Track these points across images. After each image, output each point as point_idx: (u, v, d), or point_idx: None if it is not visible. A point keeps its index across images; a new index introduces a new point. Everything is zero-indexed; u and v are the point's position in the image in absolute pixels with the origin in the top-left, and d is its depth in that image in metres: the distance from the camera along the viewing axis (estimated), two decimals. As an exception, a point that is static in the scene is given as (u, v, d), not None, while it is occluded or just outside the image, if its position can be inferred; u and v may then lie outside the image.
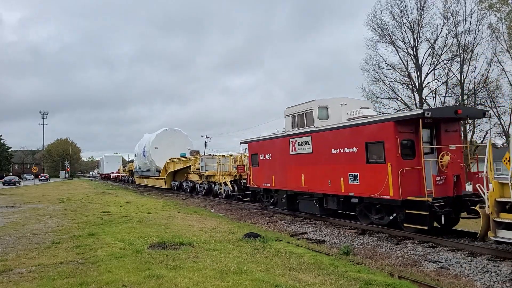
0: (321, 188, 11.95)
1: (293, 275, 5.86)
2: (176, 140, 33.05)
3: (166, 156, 30.96)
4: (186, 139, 33.92)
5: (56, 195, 25.24)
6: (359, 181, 10.40)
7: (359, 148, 10.40)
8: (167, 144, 32.12)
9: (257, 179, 15.85)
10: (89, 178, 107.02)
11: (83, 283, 5.39)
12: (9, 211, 15.51)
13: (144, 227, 10.56)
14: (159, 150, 32.14)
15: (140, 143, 38.21)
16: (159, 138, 32.93)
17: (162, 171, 31.18)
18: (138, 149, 38.08)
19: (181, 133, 34.23)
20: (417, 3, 36.75)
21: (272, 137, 14.84)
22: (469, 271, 6.66)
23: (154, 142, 32.70)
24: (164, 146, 32.08)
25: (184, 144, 32.78)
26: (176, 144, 32.42)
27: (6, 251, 7.63)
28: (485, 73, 33.89)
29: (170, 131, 33.86)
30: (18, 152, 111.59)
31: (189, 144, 33.53)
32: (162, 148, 32.11)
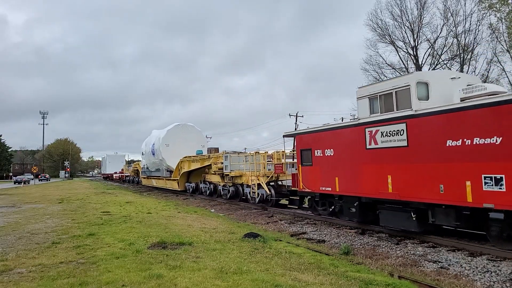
0: (424, 196, 8.58)
1: (293, 275, 5.86)
2: (189, 136, 29.40)
3: (179, 154, 27.45)
4: (200, 136, 30.49)
5: (56, 195, 25.24)
6: (506, 186, 7.02)
7: (506, 138, 7.05)
8: (180, 141, 28.70)
9: (310, 182, 12.60)
10: (89, 178, 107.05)
11: (83, 283, 5.39)
12: (9, 211, 15.51)
13: (144, 227, 10.56)
14: (171, 147, 28.75)
15: (148, 140, 34.88)
16: (171, 134, 29.28)
17: (174, 171, 27.64)
18: (146, 147, 34.73)
19: (194, 128, 30.38)
20: (417, 3, 36.76)
21: (335, 126, 11.56)
22: (469, 271, 6.66)
23: (165, 139, 29.16)
24: (176, 143, 28.67)
25: (198, 141, 29.47)
26: (190, 141, 28.94)
27: (6, 251, 7.63)
28: (485, 73, 33.90)
29: (183, 126, 29.90)
30: (18, 152, 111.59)
31: (203, 141, 30.47)
32: (173, 146, 28.69)
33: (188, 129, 30.06)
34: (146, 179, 36.91)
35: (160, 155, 29.57)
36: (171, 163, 28.38)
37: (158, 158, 30.47)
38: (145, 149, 34.99)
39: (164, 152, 29.01)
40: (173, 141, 28.96)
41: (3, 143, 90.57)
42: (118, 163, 68.59)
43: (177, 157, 27.34)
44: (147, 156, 34.03)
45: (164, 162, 29.55)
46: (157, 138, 30.44)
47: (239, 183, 19.31)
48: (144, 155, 35.91)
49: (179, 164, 26.67)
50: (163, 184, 30.87)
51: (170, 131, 29.57)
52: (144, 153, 35.64)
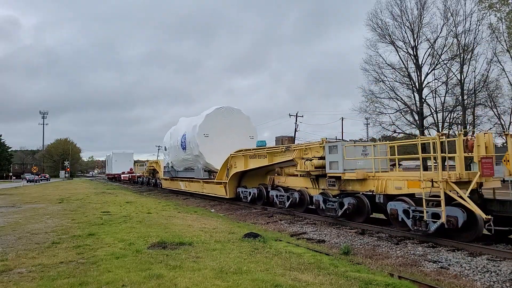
0: None
1: (293, 275, 5.87)
2: (235, 124, 22.16)
3: (221, 148, 20.69)
4: (248, 123, 23.06)
5: (56, 195, 25.24)
6: None
7: None
8: (223, 131, 21.77)
9: None
10: (89, 178, 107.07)
11: (83, 283, 5.39)
12: (9, 211, 15.51)
13: (144, 227, 10.56)
14: (211, 139, 21.59)
15: (174, 131, 26.99)
16: (211, 121, 21.85)
17: (220, 172, 19.68)
18: (171, 139, 26.91)
19: (241, 114, 22.85)
20: (417, 3, 36.80)
21: None
22: (469, 271, 6.66)
23: (203, 127, 21.66)
24: (217, 133, 21.69)
25: (247, 130, 22.56)
26: (236, 131, 21.92)
27: (6, 251, 7.63)
28: (485, 73, 33.92)
29: (226, 111, 22.42)
30: (18, 152, 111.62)
31: (253, 130, 23.16)
32: (215, 137, 21.64)
33: (234, 114, 22.44)
34: (170, 181, 28.69)
35: (195, 149, 22.05)
36: (212, 160, 21.42)
37: (192, 153, 22.77)
38: (170, 142, 27.00)
39: (202, 146, 21.60)
40: (214, 130, 21.73)
41: (3, 143, 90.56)
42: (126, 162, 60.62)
43: (219, 152, 20.55)
44: (174, 151, 26.24)
45: (201, 158, 22.06)
46: (191, 127, 22.83)
47: (361, 191, 11.60)
48: (168, 151, 28.05)
49: (228, 161, 18.86)
50: (198, 188, 23.19)
51: (210, 116, 21.92)
52: (169, 147, 27.92)
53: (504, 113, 33.62)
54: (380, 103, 39.58)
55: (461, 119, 34.07)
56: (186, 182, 25.33)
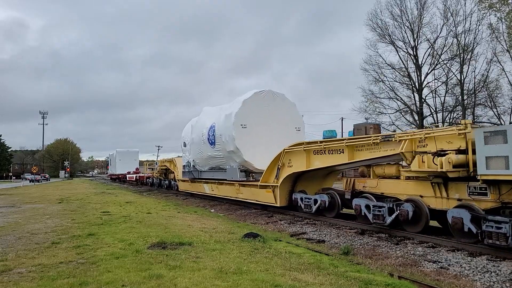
0: None
1: (293, 275, 5.87)
2: (277, 111, 17.39)
3: (261, 142, 16.66)
4: (294, 111, 18.14)
5: (56, 195, 25.24)
6: None
7: None
8: (263, 120, 17.08)
9: None
10: (89, 178, 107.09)
11: (83, 283, 5.39)
12: (9, 211, 15.51)
13: (144, 227, 10.56)
14: (249, 130, 16.78)
15: (197, 123, 22.19)
16: (249, 108, 16.97)
17: (266, 172, 14.96)
18: (193, 134, 22.41)
19: (285, 100, 18.06)
20: (417, 3, 36.81)
21: None
22: (469, 271, 6.66)
23: (240, 115, 16.77)
24: (257, 123, 16.95)
25: (292, 120, 17.83)
26: (279, 120, 17.31)
27: (6, 251, 7.63)
28: (485, 73, 33.93)
29: (268, 95, 17.50)
30: (18, 152, 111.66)
31: (299, 120, 18.29)
32: (254, 128, 16.88)
33: (277, 100, 17.56)
34: (190, 183, 24.03)
35: (229, 144, 17.17)
36: (251, 158, 16.67)
37: (224, 148, 17.95)
38: (192, 137, 22.55)
39: (239, 139, 16.67)
40: (253, 119, 16.91)
41: (3, 143, 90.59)
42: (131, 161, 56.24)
43: (259, 147, 16.50)
44: (197, 147, 21.53)
45: (237, 155, 17.07)
46: (222, 117, 18.10)
47: None
48: (189, 147, 23.28)
49: (280, 159, 14.08)
50: (231, 193, 18.29)
51: (248, 102, 16.99)
52: (189, 143, 23.24)
53: (504, 113, 33.63)
54: (380, 103, 39.62)
55: (461, 119, 34.08)
56: (213, 185, 20.31)
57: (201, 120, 21.65)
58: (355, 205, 10.76)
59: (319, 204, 12.39)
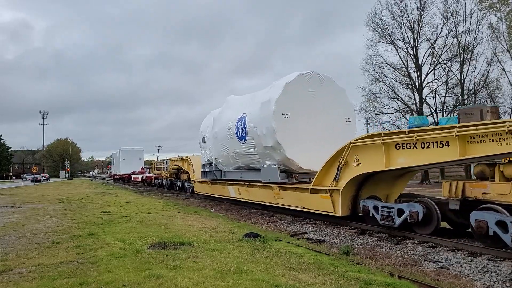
0: None
1: (293, 275, 5.86)
2: (324, 98, 14.23)
3: (306, 135, 13.58)
4: (343, 99, 14.80)
5: (56, 195, 25.24)
6: None
7: None
8: (308, 108, 13.90)
9: None
10: (89, 178, 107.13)
11: (83, 283, 5.39)
12: (9, 211, 15.51)
13: (144, 227, 10.56)
14: (293, 121, 13.63)
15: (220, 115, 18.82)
16: (292, 94, 13.78)
17: (321, 173, 11.70)
18: (215, 127, 19.00)
19: (333, 84, 14.72)
20: (417, 3, 36.85)
21: None
22: (469, 271, 6.66)
23: (282, 103, 13.57)
24: (301, 112, 13.79)
25: (341, 109, 14.54)
26: (326, 109, 14.19)
27: (6, 251, 7.63)
28: (485, 73, 33.95)
29: (313, 78, 14.23)
30: (18, 152, 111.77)
31: (350, 109, 15.05)
32: (297, 118, 13.72)
33: (324, 84, 14.28)
34: (210, 184, 20.60)
35: (268, 138, 13.85)
36: (295, 155, 13.37)
37: (259, 143, 14.64)
38: (214, 131, 19.11)
39: (281, 131, 13.36)
40: (297, 108, 13.67)
41: (3, 143, 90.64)
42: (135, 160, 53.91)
43: (304, 142, 13.40)
44: (220, 143, 18.20)
45: (277, 152, 13.73)
46: (258, 105, 14.81)
47: None
48: (210, 143, 19.86)
49: (343, 155, 10.79)
50: (267, 197, 14.86)
51: (291, 87, 13.68)
52: (210, 138, 19.80)
53: (504, 113, 33.65)
54: (380, 103, 39.65)
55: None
56: (241, 187, 16.94)
57: (227, 111, 18.04)
58: (477, 223, 7.66)
59: (407, 216, 9.15)
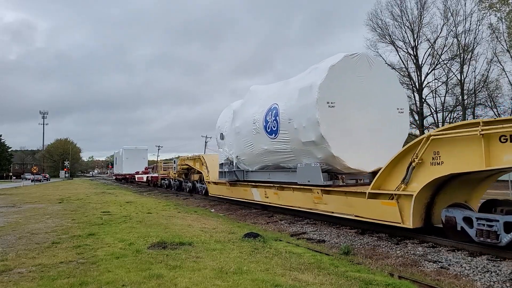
0: None
1: (293, 275, 5.86)
2: (374, 83, 11.72)
3: (353, 128, 11.33)
4: (395, 84, 12.62)
5: (56, 195, 25.24)
6: None
7: None
8: (356, 96, 11.42)
9: None
10: (89, 178, 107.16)
11: (83, 283, 5.39)
12: (9, 211, 15.51)
13: (144, 227, 10.56)
14: (338, 111, 11.13)
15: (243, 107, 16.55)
16: (338, 77, 11.20)
17: (383, 173, 9.20)
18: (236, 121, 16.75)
19: (383, 68, 12.85)
20: (417, 3, 36.85)
21: None
22: (469, 271, 6.66)
23: (326, 89, 10.99)
24: (348, 99, 11.32)
25: (392, 95, 12.16)
26: (375, 97, 11.71)
27: (6, 251, 7.64)
28: (485, 73, 33.94)
29: (361, 60, 11.66)
30: (18, 152, 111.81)
31: (402, 98, 12.67)
32: (343, 107, 11.22)
33: (373, 68, 11.90)
34: (229, 186, 18.15)
35: (310, 131, 11.39)
36: (343, 152, 11.10)
37: (297, 138, 12.11)
38: (235, 125, 16.69)
39: (325, 123, 11.01)
40: (344, 95, 11.33)
41: (3, 143, 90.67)
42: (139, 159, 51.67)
43: (352, 136, 11.27)
44: (246, 139, 15.67)
45: (319, 148, 11.35)
46: (295, 92, 12.26)
47: None
48: (231, 139, 17.36)
49: (416, 151, 8.34)
50: (305, 202, 12.20)
51: (336, 70, 11.28)
52: (231, 134, 17.29)
53: (504, 113, 33.65)
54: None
55: (461, 119, 34.08)
56: (268, 190, 14.51)
57: (251, 102, 15.70)
58: None
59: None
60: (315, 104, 11.01)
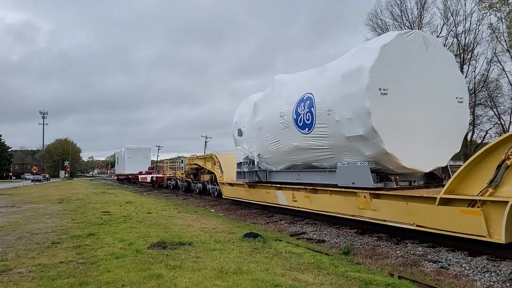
0: None
1: (293, 275, 5.87)
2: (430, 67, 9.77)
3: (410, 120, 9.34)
4: (453, 68, 10.39)
5: (56, 195, 25.24)
6: None
7: None
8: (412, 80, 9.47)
9: None
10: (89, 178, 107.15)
11: (83, 283, 5.39)
12: (9, 211, 15.51)
13: (144, 227, 10.56)
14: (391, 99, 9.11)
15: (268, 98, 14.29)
16: (391, 59, 9.21)
17: (460, 174, 7.38)
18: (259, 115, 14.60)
19: (440, 48, 10.39)
20: (417, 3, 36.85)
21: None
22: (469, 271, 6.66)
23: (378, 73, 9.03)
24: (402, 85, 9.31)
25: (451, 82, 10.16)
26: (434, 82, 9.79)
27: (6, 251, 7.64)
28: (485, 73, 33.95)
29: (417, 39, 9.62)
30: (18, 152, 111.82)
31: (461, 84, 10.56)
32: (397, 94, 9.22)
33: (431, 50, 9.87)
34: (247, 188, 16.32)
35: (357, 124, 9.35)
36: (396, 148, 9.09)
37: (339, 132, 10.04)
38: (257, 119, 14.73)
39: (377, 114, 8.94)
40: (397, 81, 9.30)
41: (3, 143, 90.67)
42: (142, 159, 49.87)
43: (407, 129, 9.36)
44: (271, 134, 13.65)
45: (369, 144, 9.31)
46: (336, 79, 10.29)
47: None
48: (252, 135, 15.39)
49: None
50: (348, 208, 10.31)
51: (388, 50, 9.20)
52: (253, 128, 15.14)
53: (504, 113, 33.69)
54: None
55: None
56: (297, 192, 12.51)
57: (276, 93, 13.79)
58: None
59: None
60: (364, 91, 9.11)
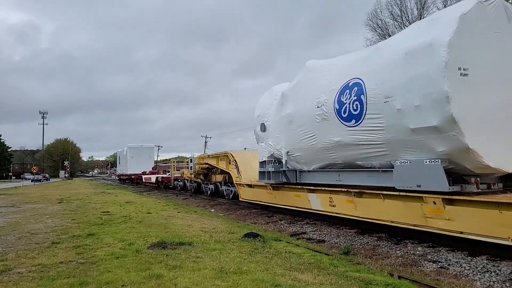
0: None
1: (293, 275, 5.87)
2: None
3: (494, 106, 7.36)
4: None
5: (56, 195, 25.24)
6: None
7: None
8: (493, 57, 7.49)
9: None
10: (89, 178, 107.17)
11: (83, 283, 5.39)
12: (9, 211, 15.51)
13: (144, 227, 10.56)
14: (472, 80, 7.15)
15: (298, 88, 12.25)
16: (471, 32, 7.23)
17: None
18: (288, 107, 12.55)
19: None
20: (417, 3, 36.84)
21: None
22: (468, 271, 6.66)
23: (457, 49, 7.07)
24: (483, 64, 7.36)
25: None
26: None
27: (6, 251, 7.64)
28: None
29: (499, 9, 7.70)
30: (18, 152, 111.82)
31: None
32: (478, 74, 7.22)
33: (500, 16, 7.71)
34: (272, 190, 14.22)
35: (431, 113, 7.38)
36: (480, 143, 7.11)
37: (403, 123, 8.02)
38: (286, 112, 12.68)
39: (456, 98, 7.02)
40: (478, 58, 7.34)
41: (3, 143, 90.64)
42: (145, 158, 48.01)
43: (492, 118, 7.34)
44: (303, 128, 11.65)
45: (446, 136, 7.32)
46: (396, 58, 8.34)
47: None
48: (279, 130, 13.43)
49: None
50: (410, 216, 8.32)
51: (468, 20, 7.21)
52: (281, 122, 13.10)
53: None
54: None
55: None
56: (336, 196, 10.80)
57: (309, 81, 11.95)
58: None
59: None
60: (441, 70, 7.24)
